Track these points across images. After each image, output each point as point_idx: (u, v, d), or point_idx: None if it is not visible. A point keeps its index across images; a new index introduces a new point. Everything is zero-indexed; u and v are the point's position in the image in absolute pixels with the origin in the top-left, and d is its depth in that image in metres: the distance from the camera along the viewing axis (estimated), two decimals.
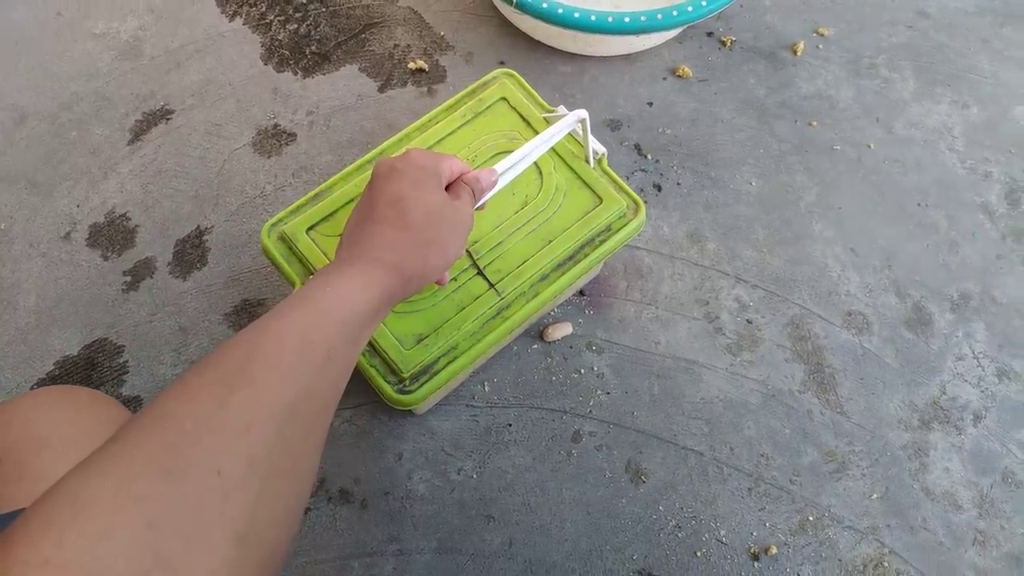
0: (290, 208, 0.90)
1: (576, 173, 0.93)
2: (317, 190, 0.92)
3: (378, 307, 0.60)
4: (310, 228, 0.89)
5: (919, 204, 1.20)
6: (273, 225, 0.90)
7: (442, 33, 1.30)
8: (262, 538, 0.42)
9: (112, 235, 1.13)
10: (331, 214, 0.89)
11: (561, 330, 1.07)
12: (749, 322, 1.11)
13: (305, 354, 0.50)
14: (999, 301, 1.14)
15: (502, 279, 0.87)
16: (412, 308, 0.85)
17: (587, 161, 0.92)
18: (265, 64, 1.26)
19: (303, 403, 0.48)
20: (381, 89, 1.24)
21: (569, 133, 0.94)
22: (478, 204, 0.76)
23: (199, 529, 0.39)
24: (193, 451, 0.41)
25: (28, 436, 0.65)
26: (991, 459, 1.05)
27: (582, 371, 1.07)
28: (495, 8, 1.31)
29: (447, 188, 0.73)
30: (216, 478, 0.40)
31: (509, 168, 0.79)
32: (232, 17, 1.30)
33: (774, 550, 0.98)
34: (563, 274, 0.89)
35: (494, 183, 0.77)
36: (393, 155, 0.85)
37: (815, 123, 1.25)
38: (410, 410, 0.96)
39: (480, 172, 0.75)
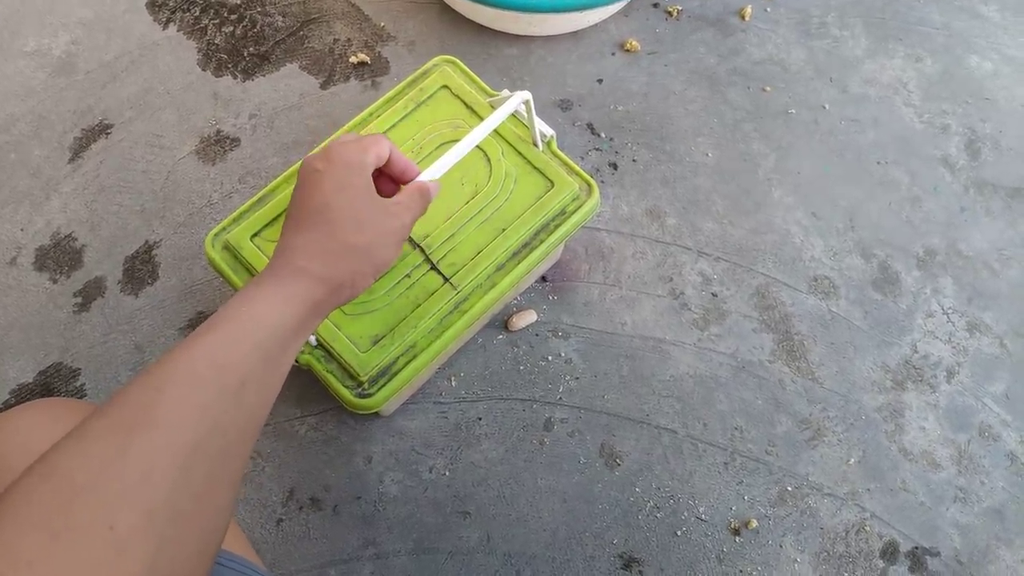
0: (233, 215, 0.87)
1: (525, 158, 0.90)
2: (259, 195, 0.89)
3: (302, 321, 0.57)
4: (254, 235, 0.86)
5: (878, 162, 1.19)
6: (217, 235, 0.87)
7: (382, 24, 1.27)
8: None
9: (59, 257, 1.10)
10: (275, 219, 0.87)
11: (525, 318, 1.05)
12: (714, 295, 1.09)
13: (216, 385, 0.47)
14: (965, 254, 1.13)
15: (457, 272, 0.85)
16: (365, 309, 0.83)
17: (535, 144, 0.90)
18: (203, 69, 1.23)
19: (211, 439, 0.45)
20: (324, 86, 1.22)
21: (516, 117, 0.92)
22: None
23: None
24: (83, 508, 0.38)
25: (24, 447, 0.63)
26: (967, 415, 1.05)
27: (549, 358, 1.05)
28: None
29: (389, 185, 0.71)
30: (109, 532, 0.38)
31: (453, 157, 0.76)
32: (165, 24, 1.26)
33: (754, 523, 0.97)
34: (520, 262, 0.86)
35: (438, 189, 0.74)
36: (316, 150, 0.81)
37: (768, 88, 1.23)
38: (376, 412, 0.94)
39: (430, 185, 0.72)
